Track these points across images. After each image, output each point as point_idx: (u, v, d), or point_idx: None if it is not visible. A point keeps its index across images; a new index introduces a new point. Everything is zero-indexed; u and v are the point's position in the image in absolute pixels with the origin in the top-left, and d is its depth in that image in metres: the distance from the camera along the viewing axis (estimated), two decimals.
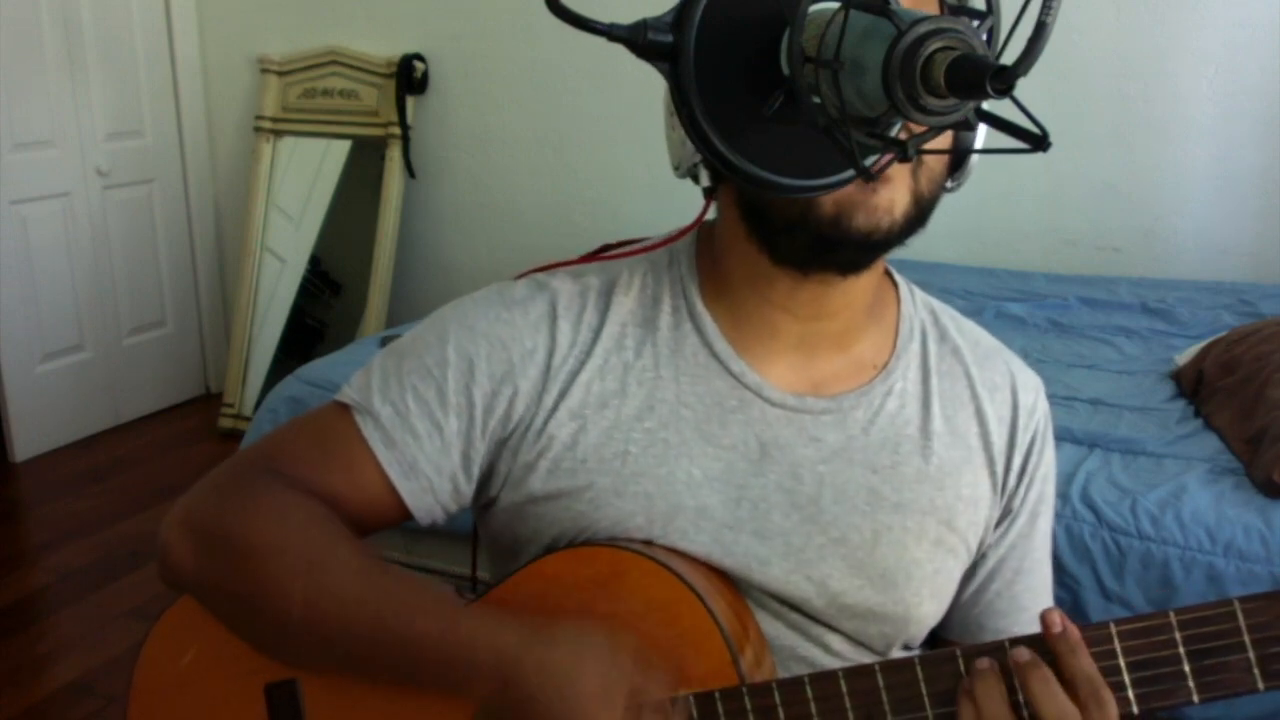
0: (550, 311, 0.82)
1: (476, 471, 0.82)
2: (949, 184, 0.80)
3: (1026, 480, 0.87)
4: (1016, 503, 0.87)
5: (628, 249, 0.88)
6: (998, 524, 0.88)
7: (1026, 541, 0.89)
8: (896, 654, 0.86)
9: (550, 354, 0.81)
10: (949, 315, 0.91)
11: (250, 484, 0.79)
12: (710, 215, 0.83)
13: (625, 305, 0.83)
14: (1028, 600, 0.89)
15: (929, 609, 0.85)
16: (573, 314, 0.82)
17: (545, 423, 0.80)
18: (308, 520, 0.76)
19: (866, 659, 0.84)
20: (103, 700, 2.21)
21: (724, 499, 0.80)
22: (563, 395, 0.80)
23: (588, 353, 0.81)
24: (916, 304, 0.89)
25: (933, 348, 0.87)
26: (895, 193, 0.72)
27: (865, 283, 0.81)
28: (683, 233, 0.83)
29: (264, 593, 0.75)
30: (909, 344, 0.86)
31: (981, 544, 0.87)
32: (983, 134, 0.78)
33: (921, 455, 0.83)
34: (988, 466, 0.86)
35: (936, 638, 0.92)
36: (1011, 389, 0.88)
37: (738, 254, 0.80)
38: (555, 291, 0.83)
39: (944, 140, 0.76)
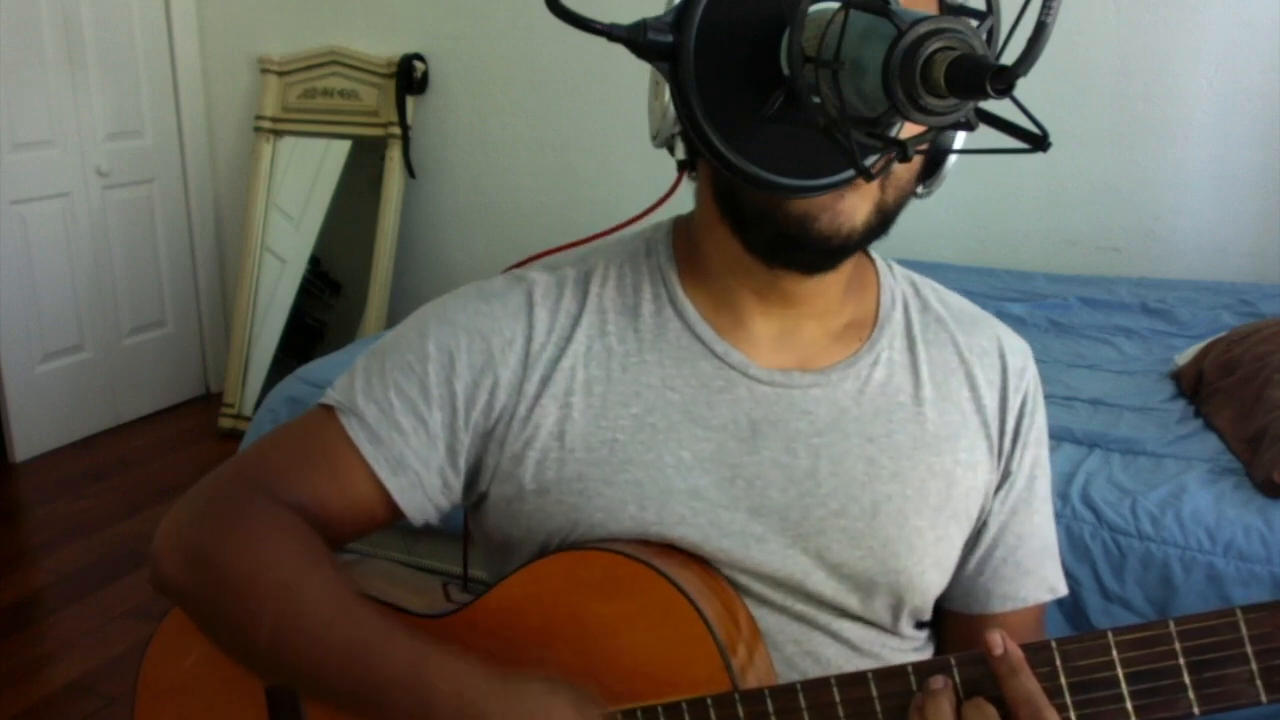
0: (527, 300, 0.82)
1: (463, 464, 0.82)
2: (919, 190, 0.80)
3: (1021, 443, 0.88)
4: (1014, 465, 0.88)
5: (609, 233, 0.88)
6: (998, 489, 0.88)
7: (1026, 506, 0.89)
8: (907, 629, 0.86)
9: (528, 341, 0.81)
10: (930, 286, 0.91)
11: (236, 504, 0.78)
12: (691, 206, 0.83)
13: (605, 294, 0.84)
14: (1033, 564, 0.89)
15: (932, 578, 0.85)
16: (550, 301, 0.83)
17: (530, 411, 0.80)
18: (285, 549, 0.76)
19: (877, 644, 0.84)
20: (103, 700, 2.21)
21: (716, 479, 0.80)
22: (545, 382, 0.80)
23: (568, 338, 0.82)
24: (896, 276, 0.90)
25: (915, 318, 0.88)
26: (860, 200, 0.73)
27: (835, 273, 0.81)
28: (659, 202, 0.83)
29: (235, 621, 0.76)
30: (891, 314, 0.87)
31: (982, 510, 0.87)
32: (963, 138, 0.79)
33: (916, 422, 0.84)
34: (982, 430, 0.86)
35: (941, 610, 0.92)
36: (999, 353, 0.88)
37: (714, 238, 0.81)
38: (532, 282, 0.84)
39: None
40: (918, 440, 0.83)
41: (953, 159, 0.80)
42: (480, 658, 0.73)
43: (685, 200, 0.85)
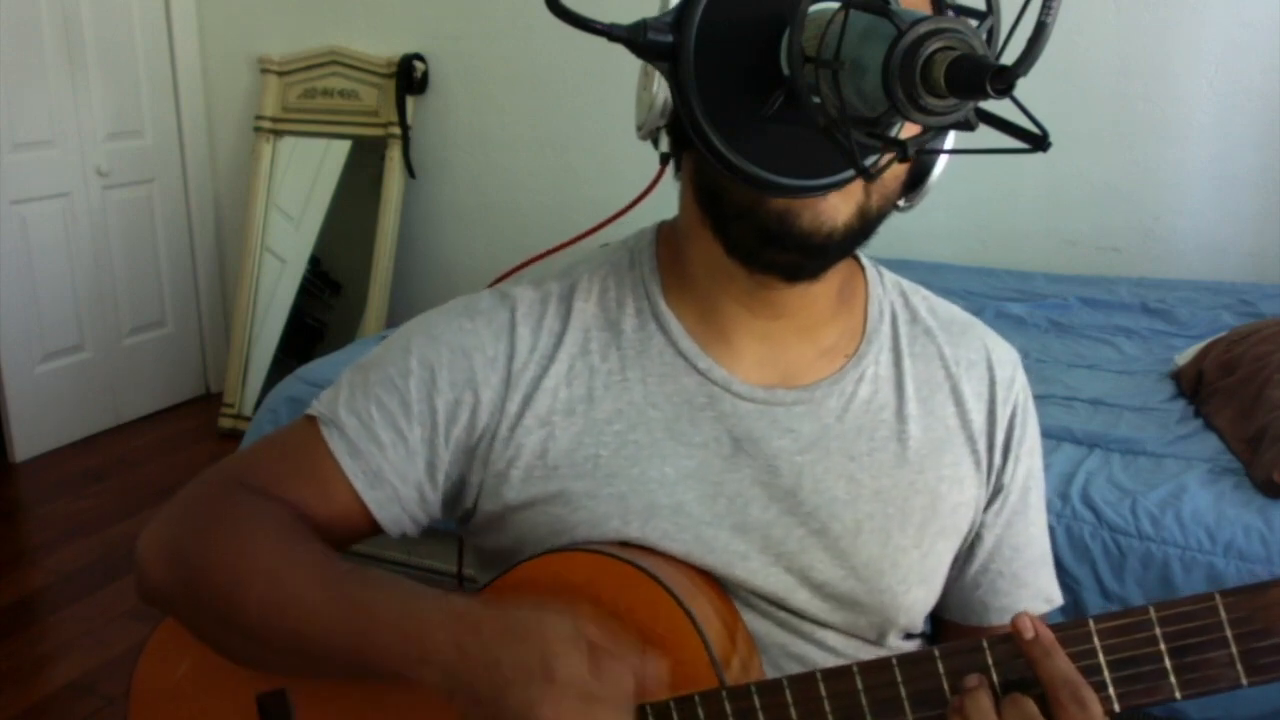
0: (510, 319, 0.82)
1: (442, 480, 0.82)
2: (901, 203, 0.79)
3: (1013, 456, 0.87)
4: (1006, 479, 0.87)
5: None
6: (990, 503, 0.87)
7: (1021, 518, 0.88)
8: (895, 643, 0.86)
9: (510, 359, 0.81)
10: (920, 296, 0.90)
11: (215, 502, 0.79)
12: (676, 197, 0.83)
13: (588, 310, 0.83)
14: (1029, 576, 0.89)
15: (917, 595, 0.84)
16: (532, 320, 0.82)
17: (512, 430, 0.80)
18: (266, 524, 0.76)
19: (862, 652, 0.83)
20: (103, 700, 2.21)
21: (699, 495, 0.80)
22: (527, 402, 0.80)
23: (550, 358, 0.81)
24: (886, 287, 0.89)
25: (904, 330, 0.86)
26: (843, 200, 0.72)
27: (823, 285, 0.80)
28: (640, 196, 0.83)
29: (221, 608, 0.75)
30: (879, 328, 0.86)
31: (973, 525, 0.87)
32: (943, 162, 0.79)
33: (898, 440, 0.83)
34: (968, 445, 0.85)
35: (938, 621, 0.91)
36: (987, 364, 0.87)
37: (697, 243, 0.80)
38: (515, 299, 0.83)
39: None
40: (900, 458, 0.83)
41: (937, 173, 0.79)
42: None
43: (673, 194, 0.85)
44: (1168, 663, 0.67)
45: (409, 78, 3.48)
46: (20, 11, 3.24)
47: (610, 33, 0.62)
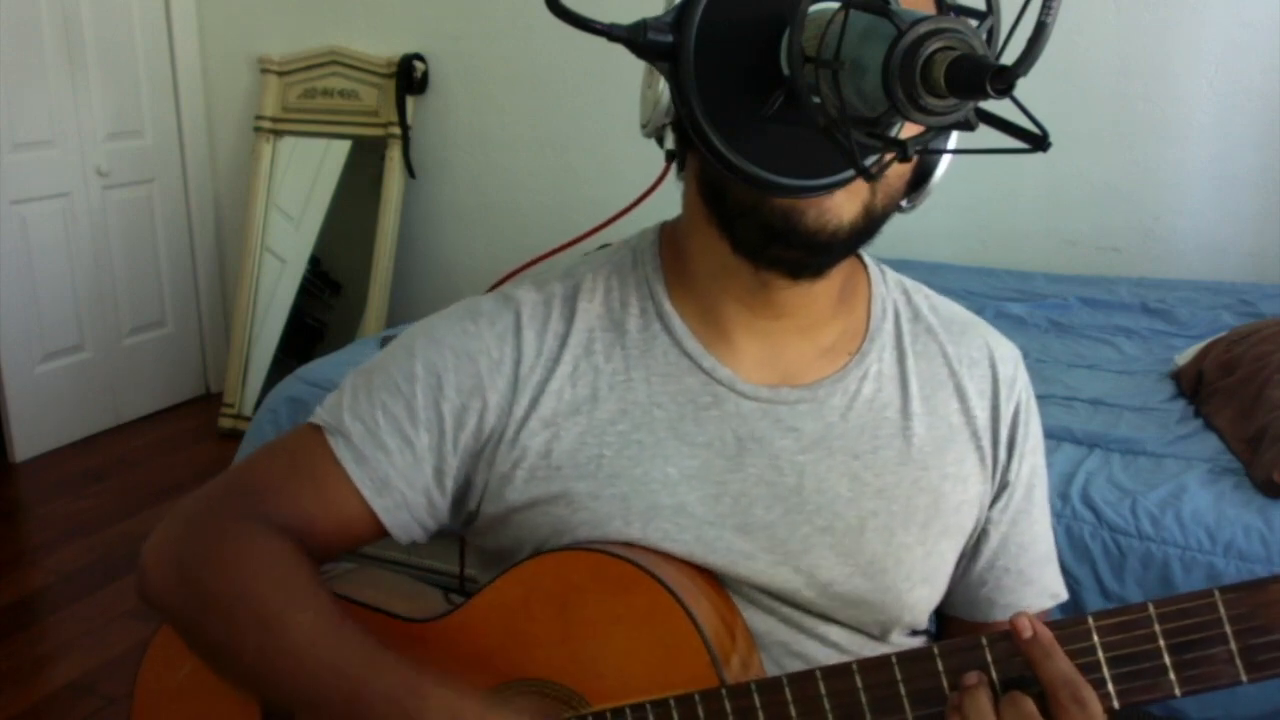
0: (515, 322, 0.82)
1: (450, 485, 0.82)
2: (904, 204, 0.79)
3: (1017, 454, 0.87)
4: (1011, 476, 0.87)
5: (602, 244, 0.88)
6: (995, 500, 0.87)
7: (1026, 515, 0.88)
8: (899, 639, 0.86)
9: (517, 364, 0.81)
10: (923, 294, 0.90)
11: (222, 524, 0.79)
12: (677, 198, 0.83)
13: (592, 310, 0.83)
14: (1035, 573, 0.89)
15: (921, 593, 0.84)
16: (537, 323, 0.82)
17: (518, 433, 0.80)
18: (269, 577, 0.76)
19: (865, 649, 0.83)
20: (103, 700, 2.21)
21: (702, 496, 0.80)
22: (533, 405, 0.80)
23: (556, 360, 0.81)
24: (888, 284, 0.89)
25: (906, 328, 0.86)
26: (848, 199, 0.71)
27: (824, 284, 0.80)
28: (646, 193, 0.83)
29: (219, 645, 0.76)
30: (882, 326, 0.86)
31: (978, 523, 0.87)
32: (946, 162, 0.79)
33: (902, 437, 0.83)
34: (973, 442, 0.85)
35: (944, 618, 0.91)
36: (990, 362, 0.87)
37: (700, 241, 0.80)
38: (520, 302, 0.83)
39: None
40: (904, 455, 0.83)
41: (939, 174, 0.79)
42: (469, 680, 0.73)
43: (673, 194, 0.85)
44: (1167, 660, 0.68)
45: (409, 78, 3.48)
46: (20, 11, 3.24)
47: (610, 33, 0.62)
